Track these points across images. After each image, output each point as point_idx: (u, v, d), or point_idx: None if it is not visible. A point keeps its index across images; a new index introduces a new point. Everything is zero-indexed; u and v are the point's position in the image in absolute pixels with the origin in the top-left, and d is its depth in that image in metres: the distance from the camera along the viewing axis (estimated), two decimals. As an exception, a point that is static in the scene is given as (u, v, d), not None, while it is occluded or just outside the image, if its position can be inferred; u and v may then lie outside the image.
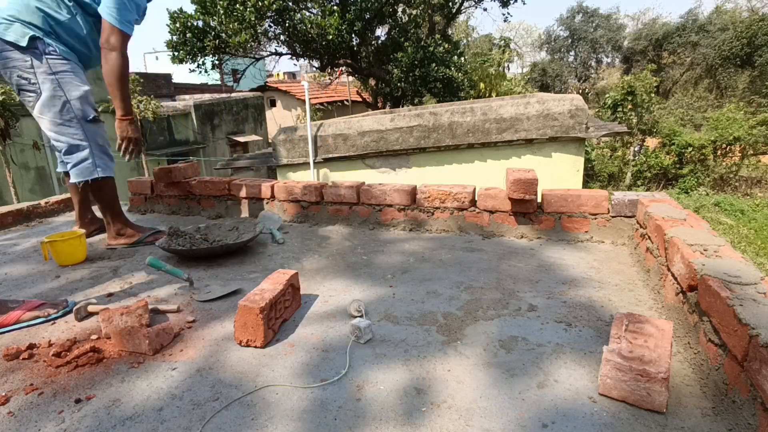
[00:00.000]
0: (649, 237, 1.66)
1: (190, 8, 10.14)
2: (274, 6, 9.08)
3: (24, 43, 1.83)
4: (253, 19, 9.22)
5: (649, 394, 0.94)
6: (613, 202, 1.97)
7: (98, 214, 2.57)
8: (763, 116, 14.04)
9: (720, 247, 1.28)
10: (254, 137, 15.03)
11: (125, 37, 1.95)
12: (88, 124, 2.00)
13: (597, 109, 16.03)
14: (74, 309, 1.44)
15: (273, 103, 18.44)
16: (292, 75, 32.21)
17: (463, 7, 13.10)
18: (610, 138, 15.18)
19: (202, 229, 2.14)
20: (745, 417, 0.88)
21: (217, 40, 9.97)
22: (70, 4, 1.95)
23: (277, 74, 29.75)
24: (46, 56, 1.88)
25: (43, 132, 2.02)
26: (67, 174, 2.15)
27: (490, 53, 21.02)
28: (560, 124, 4.48)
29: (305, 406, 1.01)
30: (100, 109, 2.25)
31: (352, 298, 1.53)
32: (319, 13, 9.61)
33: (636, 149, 15.18)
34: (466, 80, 10.77)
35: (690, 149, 14.19)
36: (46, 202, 2.81)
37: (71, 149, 1.99)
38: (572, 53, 27.23)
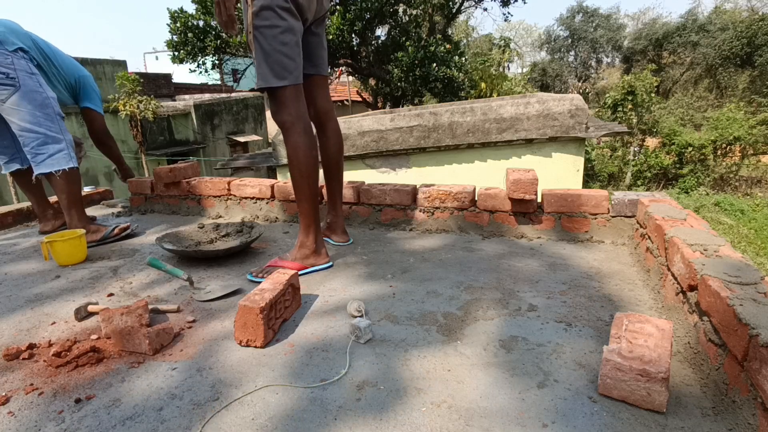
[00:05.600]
0: (649, 237, 1.66)
1: (190, 8, 10.15)
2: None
3: (10, 48, 2.04)
4: (253, 19, 9.19)
5: (649, 394, 0.95)
6: (613, 202, 1.97)
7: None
8: (763, 116, 14.04)
9: (720, 247, 1.28)
10: (254, 137, 15.02)
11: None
12: (62, 121, 2.20)
13: (597, 109, 16.04)
14: (74, 309, 1.44)
15: (273, 103, 18.41)
16: (292, 75, 32.10)
17: (463, 7, 13.11)
18: (610, 138, 15.19)
19: (205, 228, 2.14)
20: (745, 417, 0.88)
21: (218, 40, 9.98)
22: (49, 60, 2.29)
23: (277, 74, 29.64)
24: (27, 61, 2.10)
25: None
26: (15, 173, 2.39)
27: (490, 53, 21.02)
28: (560, 124, 4.48)
29: (305, 406, 1.01)
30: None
31: (352, 298, 1.53)
32: (319, 12, 9.59)
33: (636, 149, 15.19)
34: (466, 80, 10.77)
35: (690, 149, 14.20)
36: (46, 202, 2.81)
37: (47, 140, 2.13)
38: (572, 53, 27.22)
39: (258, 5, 1.53)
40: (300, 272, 1.71)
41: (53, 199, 2.70)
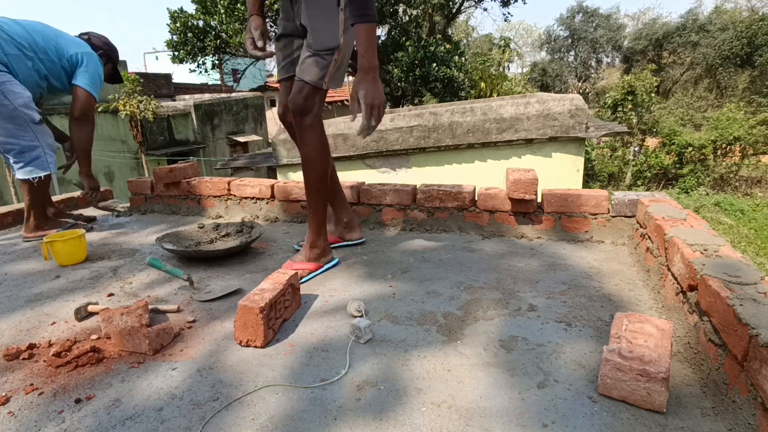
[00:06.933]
0: (649, 237, 1.66)
1: (190, 8, 10.14)
2: (275, 6, 9.08)
3: None
4: (253, 19, 9.20)
5: (649, 394, 0.95)
6: (613, 202, 1.97)
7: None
8: (763, 116, 14.04)
9: (720, 246, 1.28)
10: (254, 137, 15.03)
11: (95, 105, 2.36)
12: (37, 126, 2.18)
13: (597, 109, 16.05)
14: (74, 309, 1.44)
15: (273, 103, 18.46)
16: (292, 75, 32.13)
17: (463, 7, 13.10)
18: (610, 138, 15.18)
19: (205, 228, 2.14)
20: (745, 417, 0.88)
21: (218, 40, 9.97)
22: (24, 48, 2.13)
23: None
24: None
25: None
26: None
27: (490, 53, 21.01)
28: (560, 124, 4.48)
29: (305, 406, 1.01)
30: (99, 109, 2.50)
31: (352, 298, 1.53)
32: (319, 13, 9.58)
33: (636, 149, 15.18)
34: (466, 80, 10.77)
35: (690, 149, 14.20)
36: (46, 202, 2.81)
37: (24, 149, 2.16)
38: (572, 53, 27.22)
39: None
40: (316, 271, 1.74)
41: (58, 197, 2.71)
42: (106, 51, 2.44)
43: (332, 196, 2.00)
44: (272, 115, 17.93)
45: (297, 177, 5.54)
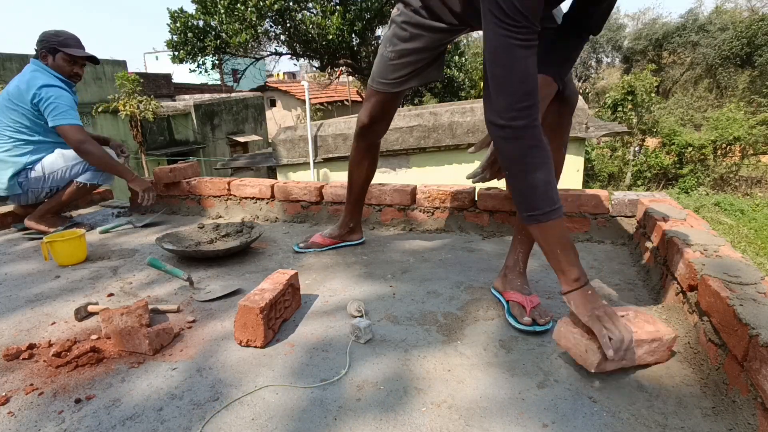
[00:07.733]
0: (649, 237, 1.66)
1: (190, 8, 10.15)
2: (275, 6, 9.09)
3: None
4: (253, 19, 9.23)
5: (585, 351, 1.03)
6: (613, 202, 1.97)
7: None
8: (763, 116, 14.05)
9: (720, 247, 1.28)
10: (254, 137, 15.03)
11: (81, 129, 2.34)
12: (76, 155, 2.34)
13: (597, 109, 16.05)
14: (74, 309, 1.44)
15: (273, 103, 18.46)
16: (292, 75, 32.23)
17: (463, 7, 13.10)
18: (610, 138, 15.18)
19: (205, 229, 2.14)
20: (745, 417, 0.88)
21: (218, 40, 9.97)
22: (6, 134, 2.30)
23: (277, 74, 29.78)
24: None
25: None
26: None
27: (490, 53, 20.95)
28: (560, 124, 4.48)
29: (305, 406, 1.01)
30: (100, 110, 2.52)
31: (352, 298, 1.53)
32: (320, 13, 9.61)
33: (636, 149, 15.18)
34: (466, 80, 10.77)
35: (690, 149, 14.20)
36: (46, 202, 2.81)
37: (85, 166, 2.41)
38: (572, 53, 27.18)
39: None
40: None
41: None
42: (44, 47, 2.31)
43: (361, 201, 2.02)
44: (272, 115, 17.93)
45: (297, 177, 5.54)
